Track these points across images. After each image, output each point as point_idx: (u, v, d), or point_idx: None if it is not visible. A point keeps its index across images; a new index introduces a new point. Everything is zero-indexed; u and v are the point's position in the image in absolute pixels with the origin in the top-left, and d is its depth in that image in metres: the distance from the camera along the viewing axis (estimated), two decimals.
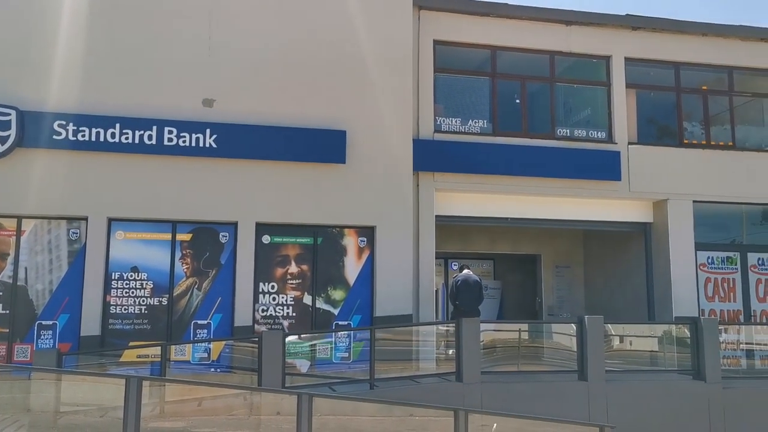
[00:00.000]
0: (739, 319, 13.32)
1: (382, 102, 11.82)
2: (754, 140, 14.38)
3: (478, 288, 12.08)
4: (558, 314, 15.75)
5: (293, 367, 10.39)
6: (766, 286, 13.63)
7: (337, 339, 11.20)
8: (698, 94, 14.18)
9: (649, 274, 13.70)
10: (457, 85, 13.11)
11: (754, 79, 14.50)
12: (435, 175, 12.38)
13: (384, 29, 11.99)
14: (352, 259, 11.59)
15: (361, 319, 11.41)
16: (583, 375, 10.14)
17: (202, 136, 10.97)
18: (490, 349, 10.92)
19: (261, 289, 11.21)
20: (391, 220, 11.57)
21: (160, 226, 10.95)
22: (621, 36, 13.62)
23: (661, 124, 14.21)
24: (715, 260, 13.52)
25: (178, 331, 10.85)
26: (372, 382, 9.60)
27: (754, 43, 14.09)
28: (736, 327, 12.54)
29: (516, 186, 12.73)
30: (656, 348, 11.78)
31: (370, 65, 11.84)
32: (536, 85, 13.57)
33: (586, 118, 13.74)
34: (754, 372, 11.67)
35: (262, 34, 11.51)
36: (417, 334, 11.20)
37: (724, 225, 14.10)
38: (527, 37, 13.21)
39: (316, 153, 11.39)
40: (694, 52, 13.89)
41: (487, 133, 12.87)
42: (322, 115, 11.54)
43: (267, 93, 11.43)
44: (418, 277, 11.90)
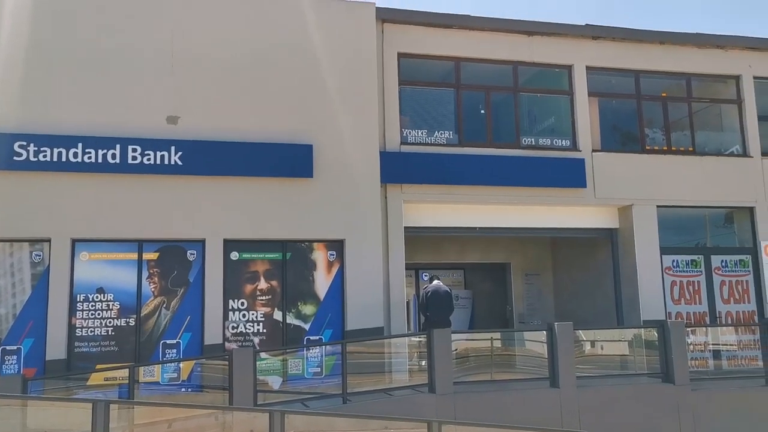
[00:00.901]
0: (705, 321, 13.55)
1: (348, 115, 11.84)
2: (713, 145, 14.69)
3: (449, 298, 12.11)
4: (529, 322, 15.86)
5: (265, 384, 10.29)
6: (730, 288, 13.88)
7: (309, 354, 11.14)
8: (658, 101, 14.46)
9: (616, 279, 13.88)
10: (422, 96, 13.20)
11: (711, 85, 14.84)
12: (403, 186, 12.41)
13: (348, 43, 12.04)
14: (322, 273, 11.55)
15: (333, 333, 11.36)
16: (554, 382, 10.21)
17: (167, 154, 10.87)
18: (462, 358, 10.95)
19: (231, 306, 11.11)
20: (360, 233, 11.56)
21: (125, 245, 10.81)
22: (582, 45, 13.85)
23: (623, 131, 14.44)
24: (679, 263, 13.74)
25: (147, 351, 10.68)
26: (345, 397, 9.55)
27: (710, 50, 14.42)
28: (702, 329, 12.76)
29: (483, 195, 12.83)
30: (627, 352, 11.90)
31: (335, 79, 11.87)
32: (500, 96, 13.72)
33: (550, 127, 13.92)
34: (721, 373, 11.88)
35: (226, 49, 11.47)
36: (389, 347, 11.18)
37: (687, 229, 14.36)
38: (490, 48, 13.35)
39: (283, 167, 11.35)
40: (653, 60, 14.17)
41: (453, 143, 12.97)
42: (288, 130, 11.52)
43: (232, 109, 11.38)
44: (388, 290, 11.90)
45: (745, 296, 13.88)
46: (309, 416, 8.62)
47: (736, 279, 13.90)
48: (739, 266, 13.97)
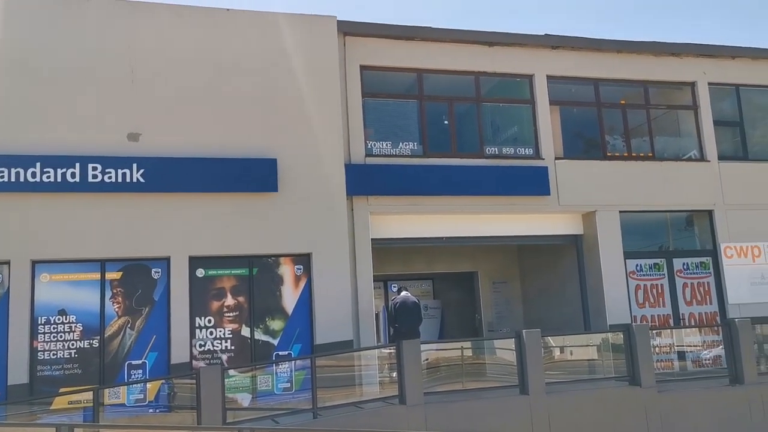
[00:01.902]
0: (669, 323, 13.77)
1: (312, 128, 11.83)
2: (672, 150, 14.99)
3: (417, 309, 12.15)
4: (497, 330, 15.95)
5: (234, 402, 10.17)
6: (692, 290, 14.15)
7: (279, 369, 11.04)
8: (617, 108, 14.73)
9: (582, 284, 14.05)
10: (385, 108, 13.25)
11: (668, 92, 15.16)
12: (369, 198, 12.43)
13: (310, 56, 12.04)
14: (290, 288, 11.48)
15: (302, 347, 11.30)
16: (524, 389, 10.27)
17: (128, 171, 10.73)
18: (433, 368, 10.97)
19: (197, 324, 10.97)
20: (327, 247, 11.54)
21: (87, 265, 10.61)
22: (542, 55, 14.05)
23: (585, 139, 14.67)
24: (643, 267, 13.96)
25: (112, 373, 10.49)
26: (315, 411, 9.48)
27: (665, 57, 14.75)
28: (666, 331, 12.96)
29: (449, 205, 12.90)
30: (595, 356, 12.03)
31: (297, 92, 11.87)
32: (463, 106, 13.84)
33: (513, 136, 14.08)
34: (686, 374, 12.06)
35: (187, 65, 11.40)
36: (359, 359, 11.14)
37: (650, 233, 14.60)
38: (452, 59, 13.47)
39: (248, 183, 11.29)
40: (611, 68, 14.44)
41: (417, 154, 13.03)
42: (251, 144, 11.46)
43: (194, 124, 11.29)
44: (357, 302, 11.87)
45: (706, 298, 14.15)
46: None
47: (697, 281, 14.17)
48: (700, 268, 14.24)
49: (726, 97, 15.25)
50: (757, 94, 15.51)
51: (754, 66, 15.27)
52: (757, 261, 14.30)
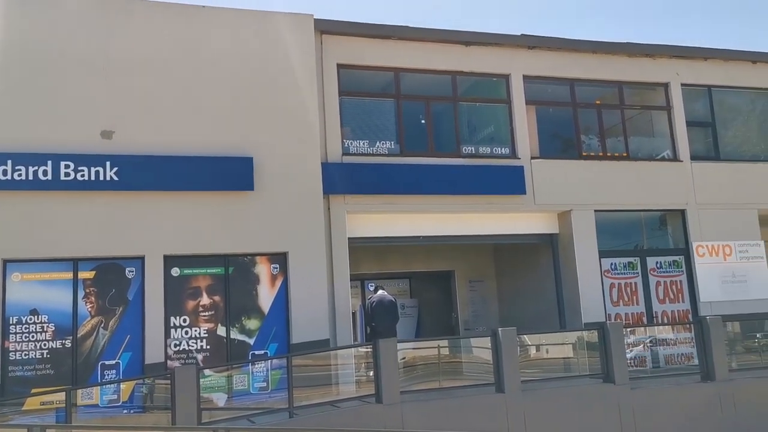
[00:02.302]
0: (643, 321, 13.93)
1: (288, 127, 11.79)
2: (646, 150, 15.17)
3: (394, 308, 12.16)
4: (474, 328, 16.03)
5: (210, 402, 10.09)
6: (665, 288, 14.33)
7: (255, 369, 10.99)
8: (593, 108, 14.86)
9: (558, 283, 14.16)
10: (362, 107, 13.24)
11: (642, 92, 15.34)
12: (346, 197, 12.41)
13: (287, 55, 12.00)
14: (266, 287, 11.43)
15: (278, 347, 11.25)
16: (500, 387, 10.32)
17: (102, 170, 10.60)
18: (410, 367, 10.99)
19: (172, 324, 10.88)
20: (304, 245, 11.50)
21: (60, 264, 10.48)
22: (518, 55, 14.13)
23: (560, 139, 14.78)
24: (617, 266, 14.11)
25: (85, 373, 10.36)
26: (291, 411, 9.44)
27: (639, 58, 14.91)
28: (640, 329, 13.12)
29: (426, 204, 12.93)
30: (570, 354, 12.13)
31: (274, 91, 11.82)
32: (440, 105, 13.87)
33: (489, 136, 14.15)
34: (659, 371, 12.23)
35: (162, 62, 11.30)
36: (335, 358, 11.14)
37: (624, 232, 14.76)
38: (429, 59, 13.50)
39: (224, 181, 11.22)
40: (587, 68, 14.56)
41: (394, 153, 13.04)
42: (227, 143, 11.39)
43: (169, 122, 11.19)
44: (333, 301, 11.85)
45: (679, 296, 14.34)
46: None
47: (670, 279, 14.36)
48: (673, 267, 14.43)
49: (698, 98, 15.47)
50: (728, 95, 15.75)
51: (726, 67, 15.50)
52: (728, 260, 14.52)
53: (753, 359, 12.92)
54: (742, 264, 14.56)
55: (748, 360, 12.84)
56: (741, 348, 13.23)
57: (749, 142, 15.84)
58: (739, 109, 15.91)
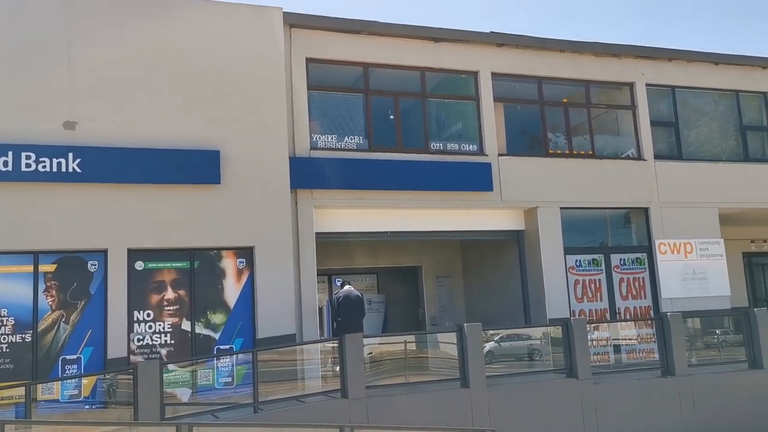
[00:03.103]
0: (606, 317, 14.14)
1: (256, 120, 11.70)
2: (611, 149, 15.39)
3: (360, 303, 12.16)
4: (440, 323, 16.11)
5: (173, 397, 10.00)
6: (628, 285, 14.56)
7: (220, 364, 10.91)
8: (560, 106, 15.02)
9: (523, 279, 14.29)
10: (331, 102, 13.20)
11: (608, 91, 15.54)
12: (313, 192, 12.36)
13: (256, 48, 11.90)
14: (232, 282, 11.34)
15: (244, 342, 11.18)
16: (465, 382, 10.40)
17: (64, 161, 10.41)
18: (377, 362, 11.02)
19: (136, 318, 10.74)
20: (270, 240, 11.44)
21: (20, 258, 10.25)
22: (487, 52, 14.21)
23: (527, 136, 14.92)
24: (582, 263, 14.30)
25: (45, 368, 10.17)
26: (256, 406, 9.40)
27: (606, 58, 15.11)
28: (603, 325, 13.31)
29: (394, 200, 12.94)
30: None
31: (242, 84, 11.71)
32: (409, 101, 13.89)
33: (458, 132, 14.21)
34: (620, 366, 12.42)
35: (127, 53, 11.12)
36: (302, 354, 11.12)
37: (589, 229, 14.94)
38: (398, 54, 13.50)
39: (190, 174, 11.09)
40: (554, 67, 14.70)
41: (363, 149, 13.02)
42: (194, 135, 11.27)
43: (134, 114, 11.02)
44: (300, 296, 11.81)
45: (641, 292, 14.58)
46: (218, 427, 8.47)
47: (633, 276, 14.60)
48: (635, 264, 14.67)
49: (662, 98, 15.72)
50: (691, 96, 16.04)
51: (689, 68, 15.78)
52: (689, 257, 14.81)
53: (712, 355, 13.24)
54: (702, 261, 14.86)
55: (707, 355, 13.14)
56: (701, 344, 13.53)
57: (711, 142, 16.16)
58: (701, 109, 16.22)
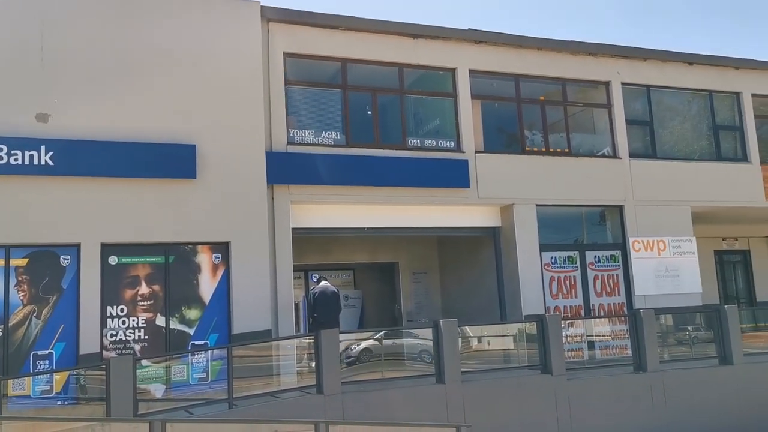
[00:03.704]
0: (580, 313, 14.27)
1: (233, 115, 11.62)
2: (587, 147, 15.52)
3: (336, 299, 12.15)
4: (417, 320, 16.15)
5: (147, 393, 9.91)
6: (602, 282, 14.70)
7: (194, 359, 10.83)
8: (537, 104, 15.11)
9: (499, 276, 14.36)
10: (309, 97, 13.14)
11: (584, 90, 15.66)
12: (290, 187, 12.31)
13: (233, 42, 11.82)
14: (207, 277, 11.27)
15: (219, 337, 11.12)
16: (440, 378, 10.43)
17: (36, 154, 10.26)
18: (353, 358, 11.03)
19: (109, 313, 10.63)
20: (246, 235, 11.38)
21: None
22: (465, 49, 14.23)
23: (504, 133, 14.98)
24: (557, 260, 14.41)
25: (16, 363, 10.03)
26: (231, 402, 9.36)
27: (582, 57, 15.21)
28: (577, 321, 13.44)
29: (371, 196, 12.93)
30: (511, 346, 12.35)
31: (219, 78, 11.62)
32: (387, 97, 13.88)
33: (435, 129, 14.23)
34: (594, 362, 12.55)
35: (101, 44, 10.98)
36: (277, 349, 11.08)
37: (565, 227, 15.06)
38: (376, 50, 13.48)
39: (165, 168, 11.00)
40: (532, 65, 14.77)
41: (340, 144, 12.99)
42: (170, 129, 11.16)
43: (109, 107, 10.89)
44: (276, 291, 11.77)
45: (615, 289, 14.74)
46: (193, 423, 8.41)
47: (607, 273, 14.74)
48: (610, 261, 14.82)
49: (638, 97, 15.87)
50: (665, 95, 16.23)
51: (664, 68, 15.95)
52: (662, 254, 14.99)
53: (684, 351, 13.42)
54: (675, 259, 15.05)
55: (679, 352, 13.33)
56: (673, 340, 13.72)
57: (684, 141, 16.37)
58: (675, 109, 16.41)
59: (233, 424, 8.75)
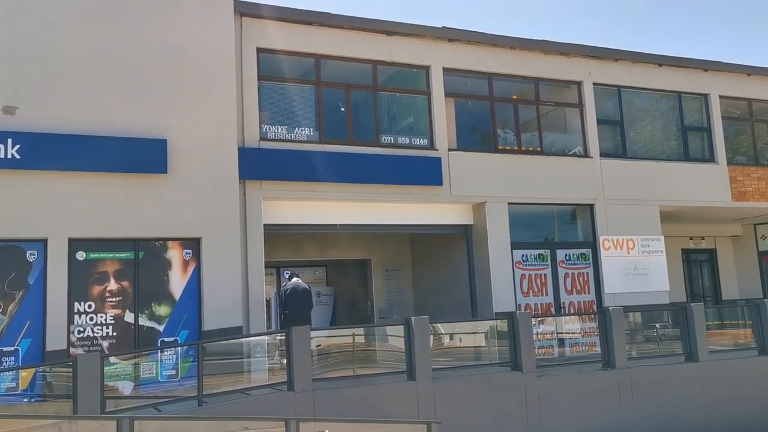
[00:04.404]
0: (551, 311, 14.41)
1: (205, 110, 11.52)
2: (559, 146, 15.67)
3: (308, 295, 12.12)
4: (389, 317, 16.17)
5: (115, 390, 9.80)
6: (572, 280, 14.86)
7: (164, 356, 10.71)
8: (509, 103, 15.20)
9: (471, 273, 14.43)
10: (282, 92, 13.07)
11: (557, 89, 15.80)
12: (262, 183, 12.24)
13: (205, 36, 11.70)
14: (177, 273, 11.15)
15: (189, 334, 11.02)
16: (411, 375, 10.45)
17: (2, 147, 10.07)
18: (324, 355, 11.00)
19: (77, 310, 10.47)
20: (218, 231, 11.29)
21: None
22: (439, 47, 14.27)
23: (477, 132, 15.06)
24: (529, 258, 14.53)
25: None
26: (200, 399, 9.28)
27: (555, 56, 15.35)
28: (548, 319, 13.57)
29: (344, 193, 12.91)
30: (482, 343, 12.42)
31: (191, 72, 11.51)
32: (361, 94, 13.86)
33: (408, 126, 14.25)
34: (564, 359, 12.67)
35: (71, 37, 10.80)
36: (248, 346, 11.01)
37: (536, 225, 15.19)
38: (350, 47, 13.45)
39: (136, 163, 10.86)
40: (505, 63, 14.86)
41: (313, 140, 12.95)
42: (141, 124, 11.02)
43: (78, 100, 10.73)
44: (247, 288, 11.70)
45: (585, 287, 14.91)
46: (162, 421, 8.33)
47: (578, 271, 14.90)
48: (580, 259, 14.98)
49: (609, 97, 16.06)
50: (636, 96, 16.45)
51: (634, 69, 16.16)
52: (631, 253, 15.19)
53: (651, 348, 13.62)
54: (643, 257, 15.27)
55: (647, 349, 13.53)
56: (641, 337, 13.92)
57: (654, 141, 16.61)
58: (645, 109, 16.65)
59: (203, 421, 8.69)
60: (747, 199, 16.87)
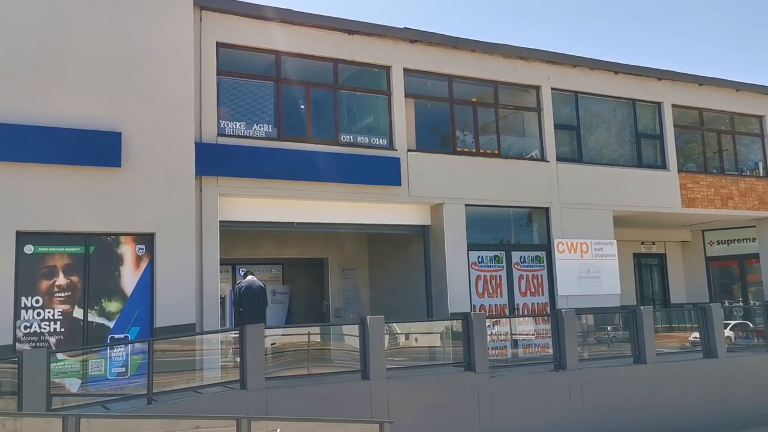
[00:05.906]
0: (505, 312, 14.58)
1: (162, 103, 11.32)
2: (517, 149, 15.86)
3: (262, 293, 12.04)
4: (344, 316, 16.16)
5: (62, 387, 9.59)
6: (527, 282, 15.06)
7: (113, 353, 10.51)
8: (469, 105, 15.33)
9: (427, 274, 14.52)
10: (241, 88, 12.95)
11: (515, 93, 15.99)
12: (219, 179, 12.11)
13: (163, 28, 11.49)
14: (130, 268, 10.95)
15: (140, 330, 10.82)
16: (365, 374, 10.46)
17: None
18: (279, 353, 10.94)
19: (23, 304, 10.19)
20: (172, 227, 11.11)
21: None
22: (400, 48, 14.31)
23: (436, 133, 15.15)
24: (484, 259, 14.67)
25: None
26: (150, 397, 9.12)
27: (515, 60, 15.52)
28: (502, 320, 13.73)
29: (302, 191, 12.85)
30: (438, 343, 12.50)
31: (148, 65, 11.29)
32: (321, 92, 13.82)
33: (368, 126, 14.26)
34: (517, 360, 12.85)
35: (24, 26, 10.49)
36: (201, 344, 10.89)
37: (493, 227, 15.35)
38: (311, 44, 13.40)
39: (88, 155, 10.61)
40: (465, 66, 14.98)
41: (272, 137, 12.86)
42: (95, 116, 10.77)
43: (30, 90, 10.43)
44: (201, 285, 11.57)
45: (539, 289, 15.13)
46: (110, 419, 8.18)
47: (532, 273, 15.11)
48: (535, 262, 15.20)
49: (566, 102, 16.33)
50: (592, 102, 16.75)
51: (591, 75, 16.46)
52: (584, 256, 15.47)
53: (602, 350, 13.90)
54: (596, 261, 15.56)
55: (598, 350, 13.81)
56: (593, 339, 14.19)
57: (609, 147, 16.94)
58: (601, 115, 16.97)
59: (152, 420, 8.56)
60: (696, 205, 17.35)
